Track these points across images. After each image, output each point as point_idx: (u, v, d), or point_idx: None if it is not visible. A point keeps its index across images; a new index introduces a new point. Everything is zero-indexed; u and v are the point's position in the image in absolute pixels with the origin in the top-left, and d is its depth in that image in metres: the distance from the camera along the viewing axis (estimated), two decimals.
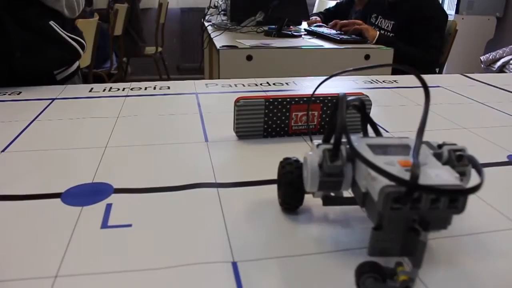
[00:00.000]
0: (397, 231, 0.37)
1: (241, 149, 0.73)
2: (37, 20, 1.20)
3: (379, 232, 0.38)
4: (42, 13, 1.21)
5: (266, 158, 0.70)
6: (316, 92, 0.78)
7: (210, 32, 2.54)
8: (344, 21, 2.38)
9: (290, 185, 0.50)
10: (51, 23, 1.22)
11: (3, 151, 0.73)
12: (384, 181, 0.36)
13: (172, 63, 4.91)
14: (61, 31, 1.25)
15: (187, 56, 5.09)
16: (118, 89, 1.14)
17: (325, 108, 0.77)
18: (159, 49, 4.38)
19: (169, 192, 0.58)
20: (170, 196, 0.57)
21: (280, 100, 0.74)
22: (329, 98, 0.76)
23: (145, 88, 1.15)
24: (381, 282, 0.37)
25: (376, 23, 2.29)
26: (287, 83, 1.21)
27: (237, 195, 0.57)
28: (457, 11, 4.23)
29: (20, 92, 1.11)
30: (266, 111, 0.74)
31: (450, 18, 2.49)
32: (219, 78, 1.85)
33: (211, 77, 3.33)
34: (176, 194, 0.57)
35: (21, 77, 1.19)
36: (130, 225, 0.50)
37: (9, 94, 1.10)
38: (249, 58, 1.87)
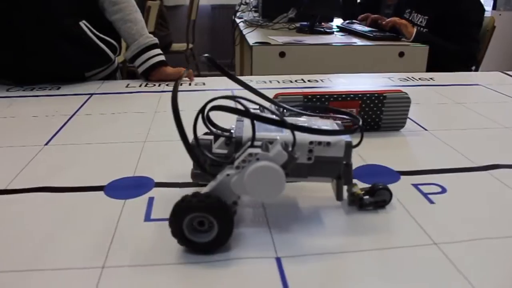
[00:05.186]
0: None
1: None
2: (65, 19, 1.13)
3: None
4: (72, 12, 1.14)
5: None
6: (353, 90, 0.78)
7: (242, 28, 2.54)
8: (377, 15, 2.34)
9: None
10: (82, 23, 1.16)
11: (46, 144, 0.74)
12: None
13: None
14: (92, 34, 1.18)
15: (217, 52, 5.10)
16: (154, 85, 1.15)
17: (364, 105, 0.76)
18: (190, 45, 4.40)
19: None
20: None
21: (318, 96, 0.74)
22: (368, 95, 0.76)
23: (181, 84, 1.15)
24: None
25: (410, 18, 2.25)
26: (321, 80, 1.21)
27: None
28: (494, 7, 4.13)
29: (60, 87, 1.14)
30: None
31: (487, 14, 2.43)
32: (251, 75, 1.85)
33: (241, 74, 3.33)
34: None
35: (47, 78, 1.18)
36: None
37: (49, 89, 1.12)
38: (282, 54, 1.86)
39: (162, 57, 1.21)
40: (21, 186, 0.59)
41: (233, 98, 0.46)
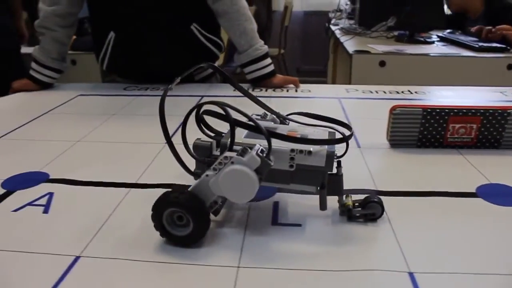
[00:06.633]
0: None
1: (396, 157, 0.72)
2: (176, 25, 1.21)
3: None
4: (182, 18, 1.22)
5: (423, 169, 0.68)
6: (474, 105, 0.75)
7: (338, 36, 2.53)
8: (489, 27, 2.21)
9: None
10: (193, 26, 1.23)
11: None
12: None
13: (291, 65, 4.96)
14: (201, 35, 1.25)
15: (307, 58, 5.12)
16: (261, 90, 1.18)
17: (485, 121, 0.73)
18: (282, 51, 4.44)
19: (330, 197, 0.58)
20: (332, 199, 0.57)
21: (438, 110, 0.72)
22: (490, 111, 0.73)
23: (287, 90, 1.17)
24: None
25: None
26: (429, 92, 1.17)
27: (401, 204, 0.56)
28: None
29: (171, 88, 1.19)
30: (423, 120, 0.72)
31: None
32: (349, 83, 1.84)
33: (334, 81, 3.31)
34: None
35: (159, 79, 1.27)
36: (299, 225, 0.51)
37: (161, 90, 1.19)
38: (382, 64, 1.83)
39: (271, 67, 1.23)
40: (149, 181, 0.63)
41: (220, 104, 0.48)
